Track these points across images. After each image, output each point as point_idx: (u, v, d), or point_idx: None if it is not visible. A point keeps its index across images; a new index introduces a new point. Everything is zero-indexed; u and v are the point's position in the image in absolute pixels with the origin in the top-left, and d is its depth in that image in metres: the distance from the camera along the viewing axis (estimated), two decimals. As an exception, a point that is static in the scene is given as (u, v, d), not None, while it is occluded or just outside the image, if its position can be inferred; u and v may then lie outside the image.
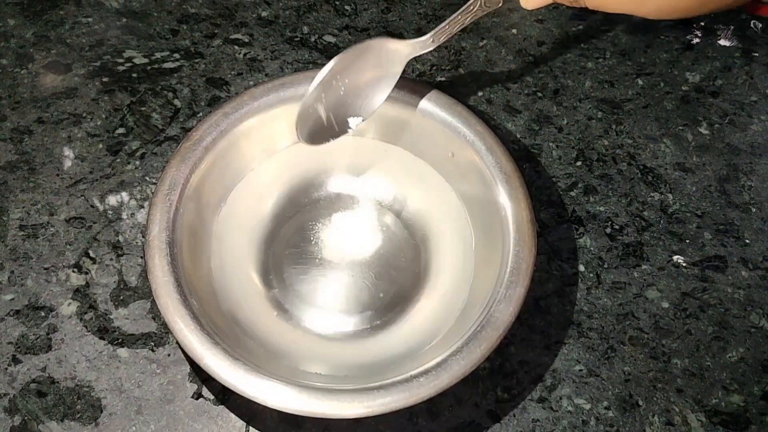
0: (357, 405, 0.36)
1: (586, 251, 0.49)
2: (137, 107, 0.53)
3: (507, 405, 0.43)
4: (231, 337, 0.40)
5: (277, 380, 0.37)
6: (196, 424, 0.42)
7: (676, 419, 0.43)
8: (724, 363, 0.45)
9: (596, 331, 0.46)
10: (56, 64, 0.55)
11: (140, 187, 0.50)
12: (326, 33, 0.57)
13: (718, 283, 0.48)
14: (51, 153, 0.51)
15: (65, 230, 0.48)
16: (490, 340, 0.38)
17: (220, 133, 0.44)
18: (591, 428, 0.43)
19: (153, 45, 0.56)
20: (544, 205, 0.50)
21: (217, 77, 0.55)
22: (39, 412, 0.42)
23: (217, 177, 0.45)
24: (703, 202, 0.51)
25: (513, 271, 0.40)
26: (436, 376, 0.37)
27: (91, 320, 0.45)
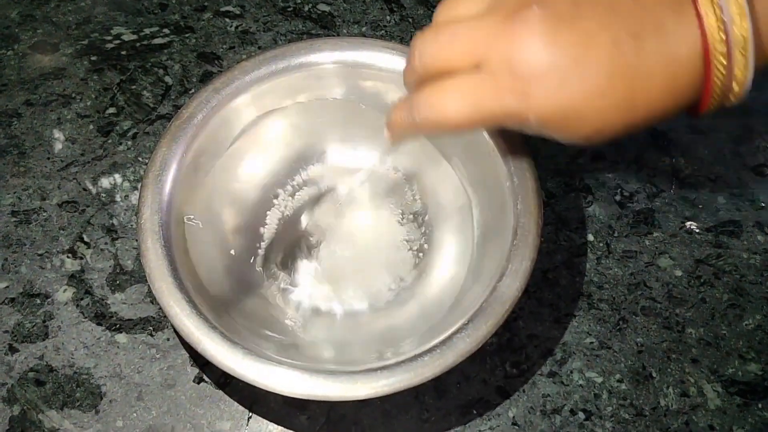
0: (360, 387, 0.35)
1: (596, 220, 0.47)
2: (127, 86, 0.51)
3: (516, 381, 0.42)
4: (228, 319, 0.39)
5: (278, 364, 0.35)
6: (198, 408, 0.41)
7: (691, 390, 0.42)
8: (740, 331, 0.44)
9: (607, 302, 0.45)
10: (43, 43, 0.53)
11: (133, 168, 0.48)
12: (320, 2, 0.55)
13: (733, 248, 0.46)
14: (41, 136, 0.49)
15: (58, 215, 0.47)
16: (496, 316, 0.36)
17: (212, 110, 0.43)
18: (603, 402, 0.42)
19: (141, 20, 0.54)
20: (550, 174, 0.48)
21: (209, 52, 0.53)
22: (38, 400, 0.41)
23: (210, 155, 0.43)
24: (717, 165, 0.49)
25: (519, 245, 0.39)
26: (441, 354, 0.35)
27: (88, 306, 0.44)
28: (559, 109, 0.32)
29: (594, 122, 0.32)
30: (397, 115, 0.37)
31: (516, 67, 0.32)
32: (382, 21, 0.54)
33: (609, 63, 0.31)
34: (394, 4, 0.55)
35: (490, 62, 0.32)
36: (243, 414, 0.41)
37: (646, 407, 0.42)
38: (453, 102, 0.33)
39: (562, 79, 0.31)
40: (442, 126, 0.35)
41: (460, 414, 0.41)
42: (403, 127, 0.37)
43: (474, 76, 0.33)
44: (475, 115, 0.33)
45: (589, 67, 0.31)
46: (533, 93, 0.32)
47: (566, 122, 0.32)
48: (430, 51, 0.34)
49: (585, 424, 0.41)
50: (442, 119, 0.34)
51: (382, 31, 0.54)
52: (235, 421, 0.41)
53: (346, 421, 0.41)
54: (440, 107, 0.34)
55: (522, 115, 0.33)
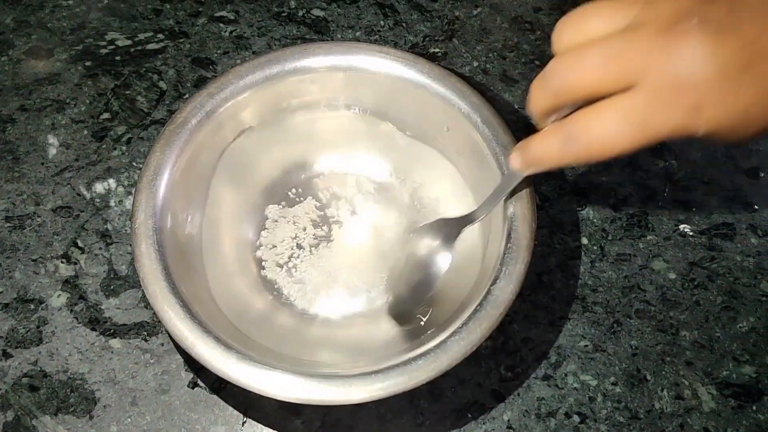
0: (355, 390, 0.35)
1: (589, 223, 0.47)
2: (122, 91, 0.51)
3: (511, 384, 0.42)
4: (223, 324, 0.38)
5: (272, 368, 0.35)
6: (193, 413, 0.41)
7: (686, 393, 0.42)
8: (734, 333, 0.44)
9: (601, 305, 0.45)
10: (37, 49, 0.53)
11: (127, 173, 0.48)
12: (314, 6, 0.55)
13: (727, 251, 0.46)
14: (35, 141, 0.49)
15: (52, 220, 0.47)
16: (491, 319, 0.36)
17: (206, 114, 0.43)
18: (598, 405, 0.42)
19: (136, 26, 0.54)
20: (545, 177, 0.49)
21: (203, 57, 0.53)
22: (32, 406, 0.41)
23: (204, 159, 0.43)
24: (710, 168, 0.49)
25: (513, 248, 0.39)
26: (435, 357, 0.35)
27: (82, 311, 0.44)
28: (732, 118, 0.31)
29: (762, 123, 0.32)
30: (544, 145, 0.35)
31: (682, 82, 0.30)
32: (375, 26, 0.55)
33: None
34: (388, 9, 0.55)
35: (649, 80, 0.31)
36: (237, 419, 0.41)
37: (640, 410, 0.42)
38: (616, 127, 0.31)
39: (732, 87, 0.30)
40: (600, 155, 0.32)
41: (455, 418, 0.41)
42: (551, 158, 0.34)
43: (635, 97, 0.31)
44: (640, 137, 0.31)
45: (757, 71, 0.30)
46: (704, 106, 0.30)
47: (737, 128, 0.32)
48: (576, 74, 0.32)
49: (580, 428, 0.41)
50: (603, 147, 0.32)
51: (376, 36, 0.54)
52: (230, 425, 0.41)
53: (341, 425, 0.41)
54: (601, 134, 0.32)
55: (691, 129, 0.31)
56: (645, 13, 0.31)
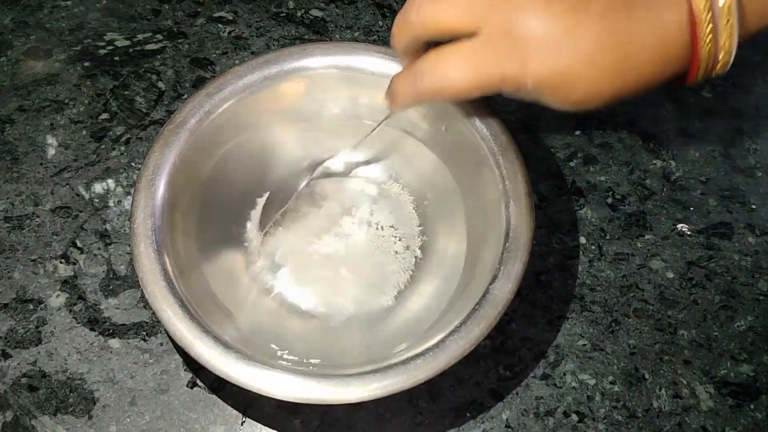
0: (353, 390, 0.35)
1: (588, 223, 0.47)
2: (120, 91, 0.52)
3: (509, 383, 0.42)
4: (222, 324, 0.39)
5: (271, 367, 0.35)
6: (192, 413, 0.41)
7: (684, 391, 0.42)
8: (732, 332, 0.44)
9: (599, 304, 0.45)
10: (36, 50, 0.53)
11: (126, 174, 0.48)
12: (313, 7, 0.55)
13: (725, 250, 0.47)
14: (34, 141, 0.49)
15: (51, 220, 0.47)
16: (489, 319, 0.36)
17: (205, 114, 0.43)
18: (596, 404, 0.42)
19: (135, 26, 0.54)
20: (542, 177, 0.49)
21: (202, 57, 0.53)
22: (31, 406, 0.41)
23: (203, 159, 0.43)
24: (707, 167, 0.49)
25: (511, 247, 0.39)
26: (433, 357, 0.35)
27: (81, 311, 0.44)
28: (553, 74, 0.33)
29: (584, 88, 0.34)
30: (400, 83, 0.38)
31: (515, 33, 0.33)
32: (374, 26, 0.55)
33: (599, 30, 0.33)
34: (386, 10, 0.55)
35: (489, 28, 0.34)
36: (236, 418, 0.41)
37: (638, 409, 0.42)
38: (456, 68, 0.34)
39: (556, 45, 0.33)
40: (444, 92, 0.36)
41: (453, 417, 0.41)
42: (406, 95, 0.38)
43: (474, 42, 0.34)
44: (476, 81, 0.35)
45: (581, 34, 0.33)
46: (530, 58, 0.33)
47: (560, 87, 0.34)
48: (431, 10, 0.35)
49: (578, 426, 0.41)
50: (447, 85, 0.35)
51: (374, 36, 0.54)
52: (229, 425, 0.41)
53: (340, 425, 0.41)
54: (443, 74, 0.35)
55: (519, 80, 0.34)
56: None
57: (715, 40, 0.33)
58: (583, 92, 0.34)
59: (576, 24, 0.33)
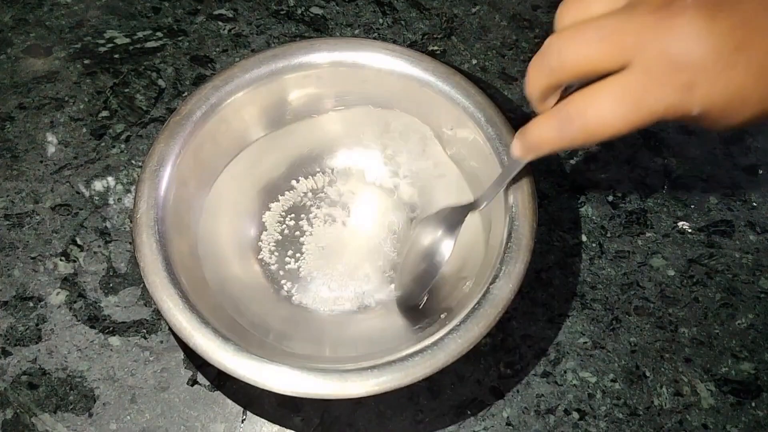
0: (351, 385, 0.35)
1: (588, 220, 0.47)
2: (120, 89, 0.51)
3: (510, 381, 0.42)
4: (222, 316, 0.39)
5: (269, 360, 0.35)
6: (192, 411, 0.41)
7: (684, 389, 0.42)
8: (733, 330, 0.44)
9: (600, 302, 0.45)
10: (36, 47, 0.53)
11: (126, 171, 0.48)
12: (313, 5, 0.55)
13: (725, 248, 0.46)
14: (34, 139, 0.49)
15: (51, 218, 0.47)
16: (488, 318, 0.36)
17: (210, 107, 0.43)
18: (597, 401, 0.42)
19: (135, 24, 0.54)
20: (543, 175, 0.49)
21: (202, 55, 0.53)
22: (31, 404, 0.41)
23: (208, 152, 0.43)
24: (708, 165, 0.49)
25: (513, 247, 0.39)
26: (432, 354, 0.35)
27: (81, 309, 0.44)
28: (725, 97, 0.31)
29: (757, 104, 0.31)
30: (542, 129, 0.34)
31: (676, 60, 0.30)
32: (374, 23, 0.55)
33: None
34: (387, 7, 0.55)
35: (644, 59, 0.31)
36: (237, 416, 0.41)
37: (639, 406, 0.42)
38: (611, 107, 0.31)
39: (726, 66, 0.30)
40: (598, 135, 0.32)
41: (454, 414, 0.41)
42: (551, 143, 0.34)
43: (629, 76, 0.31)
44: (636, 119, 0.31)
45: (752, 50, 0.30)
46: (698, 84, 0.30)
47: (730, 108, 0.31)
48: (572, 51, 0.32)
49: (579, 424, 0.41)
50: (600, 128, 0.32)
51: (374, 33, 0.54)
52: (229, 423, 0.41)
53: (341, 422, 0.41)
54: (598, 115, 0.32)
55: (685, 108, 0.31)
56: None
57: None
58: (753, 112, 0.32)
59: (744, 39, 0.30)
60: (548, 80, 0.33)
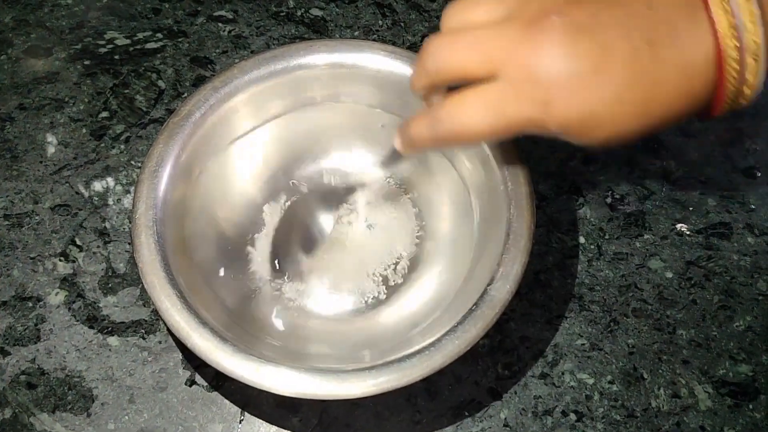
0: (349, 386, 0.35)
1: (587, 222, 0.47)
2: (120, 90, 0.52)
3: (508, 382, 0.42)
4: (220, 316, 0.39)
5: (266, 361, 0.36)
6: (190, 411, 0.41)
7: (682, 391, 0.42)
8: (731, 332, 0.44)
9: (598, 303, 0.45)
10: (36, 48, 0.53)
11: (126, 172, 0.49)
12: (313, 6, 0.55)
13: (724, 250, 0.47)
14: (33, 140, 0.49)
15: (50, 218, 0.47)
16: (486, 319, 0.36)
17: (210, 108, 0.43)
18: (595, 403, 0.42)
19: (135, 25, 0.54)
20: (542, 176, 0.49)
21: (202, 56, 0.53)
22: (29, 404, 0.41)
23: (207, 152, 0.43)
24: (707, 167, 0.49)
25: (511, 248, 0.39)
26: (429, 356, 0.35)
27: (80, 309, 0.44)
28: (578, 116, 0.32)
29: (612, 127, 0.33)
30: (417, 127, 0.37)
31: (536, 76, 0.32)
32: (374, 25, 0.55)
33: (627, 71, 0.32)
34: (387, 9, 0.55)
35: (509, 71, 0.32)
36: (235, 416, 0.41)
37: (637, 408, 0.42)
38: (475, 113, 0.33)
39: (582, 87, 0.32)
40: (464, 138, 0.35)
41: (452, 416, 0.41)
42: (423, 140, 0.37)
43: (494, 86, 0.33)
44: (497, 125, 0.33)
45: (608, 75, 0.32)
46: (553, 101, 0.32)
47: (585, 128, 0.33)
48: (446, 56, 0.34)
49: (576, 426, 0.41)
50: (465, 131, 0.34)
51: (374, 35, 0.54)
52: (227, 423, 0.41)
53: (338, 423, 0.41)
54: (463, 119, 0.34)
55: (542, 123, 0.33)
56: (519, 7, 0.33)
57: (741, 75, 0.32)
58: (609, 132, 0.33)
59: (602, 64, 0.32)
60: (426, 80, 0.36)
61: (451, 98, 0.34)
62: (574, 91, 0.32)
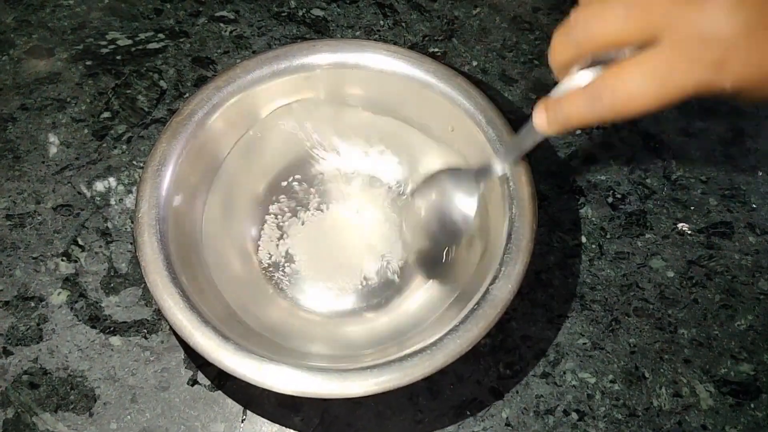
0: (351, 385, 0.35)
1: (588, 222, 0.47)
2: (122, 90, 0.52)
3: (509, 381, 0.42)
4: (223, 315, 0.39)
5: (268, 360, 0.36)
6: (192, 410, 0.41)
7: (684, 390, 0.42)
8: (732, 331, 0.44)
9: (600, 303, 0.45)
10: (38, 48, 0.53)
11: (128, 172, 0.49)
12: (314, 6, 0.56)
13: (725, 249, 0.47)
14: (36, 140, 0.49)
15: (53, 218, 0.47)
16: (488, 318, 0.37)
17: (212, 108, 0.43)
18: (596, 402, 0.42)
19: (136, 26, 0.54)
20: (543, 176, 0.49)
21: (203, 56, 0.53)
22: (32, 403, 0.41)
23: (209, 152, 0.43)
24: (708, 167, 0.49)
25: (513, 248, 0.39)
26: (431, 355, 0.35)
27: (82, 309, 0.44)
28: (757, 74, 0.31)
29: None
30: (573, 105, 0.34)
31: (707, 37, 0.30)
32: (375, 26, 0.55)
33: None
34: (388, 9, 0.56)
35: (672, 34, 0.30)
36: (237, 415, 0.41)
37: (638, 407, 0.42)
38: (642, 84, 0.31)
39: (756, 42, 0.30)
40: (628, 112, 0.32)
41: (453, 415, 0.41)
42: (582, 117, 0.34)
43: (658, 52, 0.31)
44: (665, 95, 0.31)
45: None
46: (729, 60, 0.30)
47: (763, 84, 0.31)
48: (599, 24, 0.31)
49: (578, 425, 0.41)
50: (630, 105, 0.32)
51: (375, 35, 0.54)
52: (229, 422, 0.41)
53: (340, 422, 0.41)
54: (628, 92, 0.31)
55: (717, 85, 0.31)
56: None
57: None
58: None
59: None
60: (573, 52, 0.33)
61: (611, 71, 0.32)
62: (749, 48, 0.30)
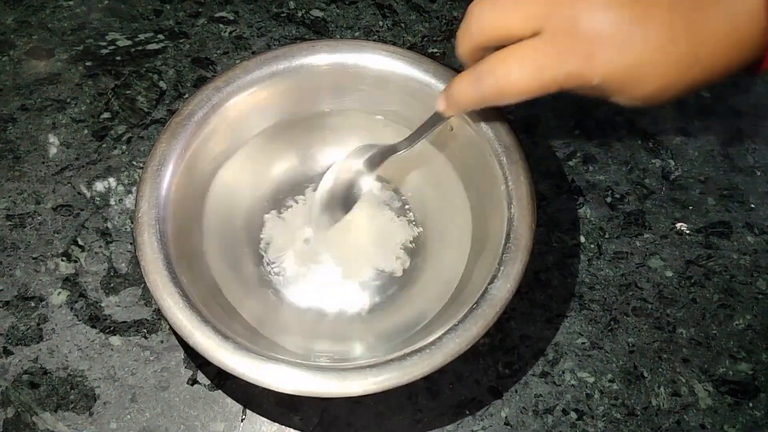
0: (350, 384, 0.35)
1: (587, 222, 0.47)
2: (122, 91, 0.52)
3: (508, 381, 0.42)
4: (222, 315, 0.39)
5: (268, 359, 0.36)
6: (192, 410, 0.41)
7: (682, 390, 0.42)
8: (730, 331, 0.44)
9: (598, 302, 0.45)
10: (38, 49, 0.53)
11: (127, 172, 0.49)
12: (313, 7, 0.56)
13: (723, 249, 0.47)
14: (36, 140, 0.50)
15: (53, 218, 0.47)
16: (487, 318, 0.37)
17: (212, 108, 0.43)
18: (595, 402, 0.42)
19: (136, 26, 0.54)
20: (542, 176, 0.49)
21: (203, 57, 0.53)
22: (32, 403, 0.41)
23: (209, 152, 0.43)
24: (706, 167, 0.50)
25: (511, 248, 0.39)
26: (430, 354, 0.35)
27: (82, 309, 0.44)
28: (623, 69, 0.32)
29: (656, 82, 0.33)
30: (461, 86, 0.37)
31: (579, 30, 0.32)
32: (374, 26, 0.55)
33: (670, 21, 0.31)
34: (387, 10, 0.56)
35: (551, 27, 0.33)
36: (236, 415, 0.41)
37: (637, 407, 0.42)
38: (519, 68, 0.34)
39: (624, 38, 0.32)
40: (506, 94, 0.35)
41: (452, 414, 0.41)
42: (467, 98, 0.37)
43: (536, 41, 0.33)
44: (539, 81, 0.34)
45: (651, 24, 0.31)
46: (597, 54, 0.32)
47: (629, 82, 0.33)
48: (490, 17, 0.34)
49: (577, 424, 0.41)
50: (509, 86, 0.34)
51: (375, 36, 0.54)
52: (229, 422, 0.41)
53: (339, 422, 0.41)
54: (505, 75, 0.34)
55: (585, 77, 0.33)
56: None
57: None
58: (654, 87, 0.33)
59: (646, 16, 0.31)
60: (471, 43, 0.36)
61: (495, 55, 0.35)
62: (616, 43, 0.32)
